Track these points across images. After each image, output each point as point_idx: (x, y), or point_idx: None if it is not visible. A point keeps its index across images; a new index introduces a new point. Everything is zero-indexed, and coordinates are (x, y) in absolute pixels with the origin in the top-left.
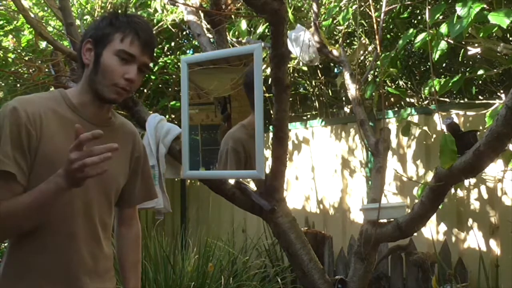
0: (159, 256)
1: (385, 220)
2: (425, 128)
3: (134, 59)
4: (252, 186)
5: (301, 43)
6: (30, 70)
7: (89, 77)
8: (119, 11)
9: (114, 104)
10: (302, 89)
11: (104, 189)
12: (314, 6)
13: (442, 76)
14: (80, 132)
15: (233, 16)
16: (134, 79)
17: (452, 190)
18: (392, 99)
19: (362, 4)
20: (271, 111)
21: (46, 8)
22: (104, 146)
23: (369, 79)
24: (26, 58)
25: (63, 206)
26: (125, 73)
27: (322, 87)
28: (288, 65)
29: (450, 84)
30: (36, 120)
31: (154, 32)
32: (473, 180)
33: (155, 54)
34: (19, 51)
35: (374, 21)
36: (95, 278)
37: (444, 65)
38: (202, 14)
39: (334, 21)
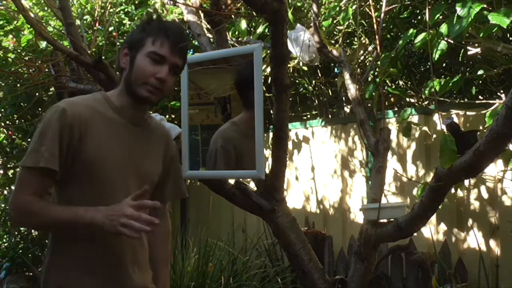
0: None
1: (385, 220)
2: (425, 128)
3: (164, 60)
4: (252, 186)
5: (301, 43)
6: (30, 70)
7: (126, 79)
8: (153, 16)
9: (148, 103)
10: (302, 89)
11: (142, 185)
12: (314, 6)
13: (442, 76)
14: (143, 194)
15: (233, 16)
16: (165, 78)
17: (452, 190)
18: (392, 99)
19: (362, 4)
20: (271, 111)
21: (46, 8)
22: (148, 219)
23: (369, 79)
24: (26, 58)
25: (107, 199)
26: (156, 72)
27: (322, 87)
28: (288, 65)
29: (450, 84)
30: (82, 120)
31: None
32: (473, 180)
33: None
34: (19, 51)
35: (374, 21)
36: (135, 268)
37: (444, 65)
38: (202, 14)
39: (334, 21)
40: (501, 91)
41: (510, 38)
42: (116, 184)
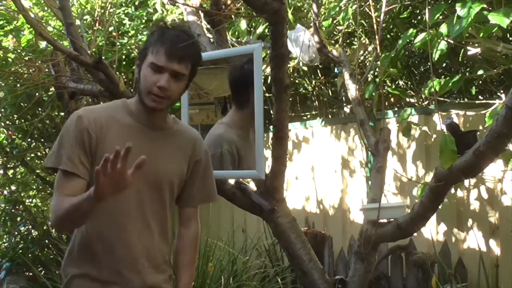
0: None
1: (385, 220)
2: (425, 128)
3: (162, 69)
4: (252, 186)
5: (301, 43)
6: (30, 70)
7: (138, 89)
8: (160, 25)
9: (156, 111)
10: (302, 89)
11: (155, 186)
12: (314, 6)
13: (442, 76)
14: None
15: (233, 16)
16: (165, 86)
17: (452, 190)
18: (392, 99)
19: (362, 4)
20: (271, 111)
21: (46, 8)
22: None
23: (369, 79)
24: (26, 58)
25: (118, 200)
26: (157, 81)
27: (322, 87)
28: (288, 65)
29: (450, 84)
30: (97, 125)
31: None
32: (473, 180)
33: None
34: (19, 51)
35: (374, 21)
36: (146, 265)
37: (444, 65)
38: (202, 14)
39: (334, 21)
40: (501, 91)
41: (510, 38)
42: (130, 184)
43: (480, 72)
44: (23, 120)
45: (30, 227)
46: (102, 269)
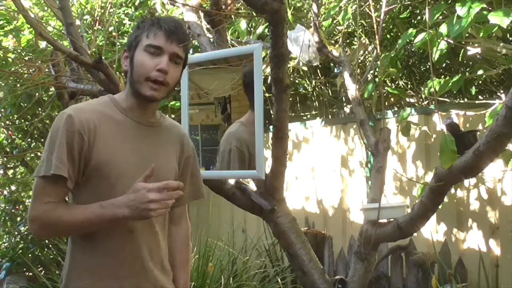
0: None
1: (385, 220)
2: (425, 128)
3: (162, 51)
4: (252, 186)
5: (301, 43)
6: (30, 70)
7: (129, 80)
8: (148, 16)
9: (154, 101)
10: (302, 89)
11: None
12: (314, 6)
13: (442, 76)
14: (151, 175)
15: (233, 16)
16: (166, 68)
17: (452, 190)
18: (392, 99)
19: (362, 4)
20: (271, 111)
21: (46, 8)
22: (174, 191)
23: (369, 79)
24: (26, 58)
25: None
26: (156, 65)
27: (322, 87)
28: (288, 65)
29: (450, 84)
30: (90, 126)
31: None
32: (473, 180)
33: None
34: (19, 51)
35: (374, 21)
36: (151, 271)
37: (444, 65)
38: (202, 14)
39: (334, 21)
40: (501, 91)
41: (510, 38)
42: (130, 183)
43: (480, 72)
44: (23, 120)
45: None
46: (109, 275)
